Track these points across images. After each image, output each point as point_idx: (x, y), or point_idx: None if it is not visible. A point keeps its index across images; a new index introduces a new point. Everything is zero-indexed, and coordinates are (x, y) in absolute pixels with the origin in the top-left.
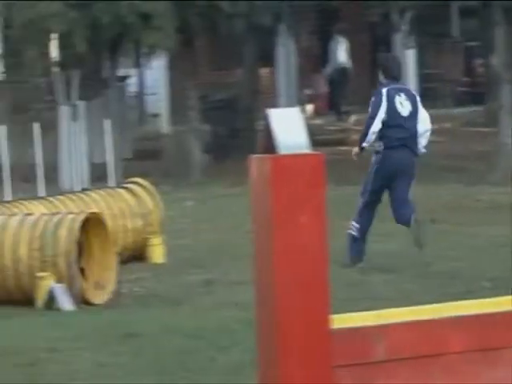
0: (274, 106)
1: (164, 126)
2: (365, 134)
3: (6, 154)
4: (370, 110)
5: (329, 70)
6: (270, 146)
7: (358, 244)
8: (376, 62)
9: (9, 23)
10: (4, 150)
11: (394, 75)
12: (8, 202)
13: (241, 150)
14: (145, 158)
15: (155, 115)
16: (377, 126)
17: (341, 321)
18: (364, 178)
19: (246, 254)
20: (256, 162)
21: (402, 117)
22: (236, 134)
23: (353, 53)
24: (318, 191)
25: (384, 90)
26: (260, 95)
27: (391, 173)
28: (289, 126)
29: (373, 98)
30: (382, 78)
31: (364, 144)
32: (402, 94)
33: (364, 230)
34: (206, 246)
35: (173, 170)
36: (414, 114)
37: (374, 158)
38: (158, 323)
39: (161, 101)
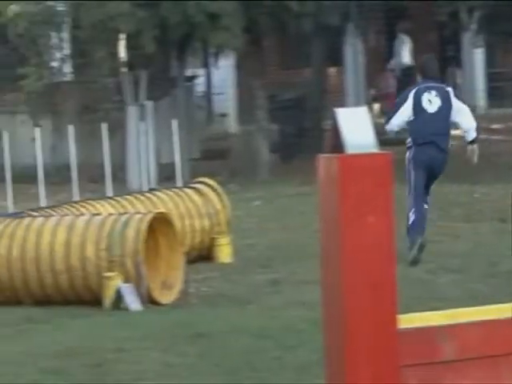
0: (342, 105)
1: (232, 125)
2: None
3: (74, 154)
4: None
5: (393, 64)
6: (337, 146)
7: (414, 229)
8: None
9: (77, 24)
10: (72, 150)
11: (430, 75)
12: (76, 202)
13: (308, 149)
14: (212, 158)
15: (223, 115)
16: (392, 127)
17: (408, 320)
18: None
19: (313, 253)
20: (324, 162)
21: (429, 113)
22: (304, 134)
23: (420, 52)
24: (386, 190)
25: (412, 92)
26: (328, 94)
27: (424, 167)
28: (356, 126)
29: (397, 99)
30: (419, 77)
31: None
32: (433, 91)
33: (420, 217)
34: (273, 245)
35: (240, 169)
36: (443, 109)
37: (407, 154)
38: (225, 323)
39: (228, 100)
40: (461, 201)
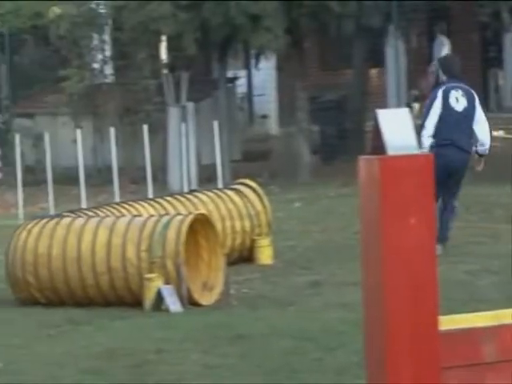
0: (383, 106)
1: (273, 127)
2: (420, 139)
3: (115, 155)
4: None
5: (433, 66)
6: (378, 147)
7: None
8: (439, 64)
9: (118, 25)
10: (113, 151)
11: (455, 74)
12: (116, 203)
13: (349, 150)
14: (253, 160)
15: (264, 116)
16: (429, 130)
17: (450, 322)
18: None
19: (354, 255)
20: (365, 163)
21: (456, 111)
22: (345, 135)
23: (462, 53)
24: (427, 192)
25: (440, 90)
26: (369, 96)
27: (444, 170)
28: (397, 127)
29: (427, 101)
30: (443, 77)
31: (423, 151)
32: (460, 90)
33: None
34: (314, 247)
35: (281, 171)
36: (468, 110)
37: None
38: (265, 325)
39: (269, 102)
40: (503, 202)
